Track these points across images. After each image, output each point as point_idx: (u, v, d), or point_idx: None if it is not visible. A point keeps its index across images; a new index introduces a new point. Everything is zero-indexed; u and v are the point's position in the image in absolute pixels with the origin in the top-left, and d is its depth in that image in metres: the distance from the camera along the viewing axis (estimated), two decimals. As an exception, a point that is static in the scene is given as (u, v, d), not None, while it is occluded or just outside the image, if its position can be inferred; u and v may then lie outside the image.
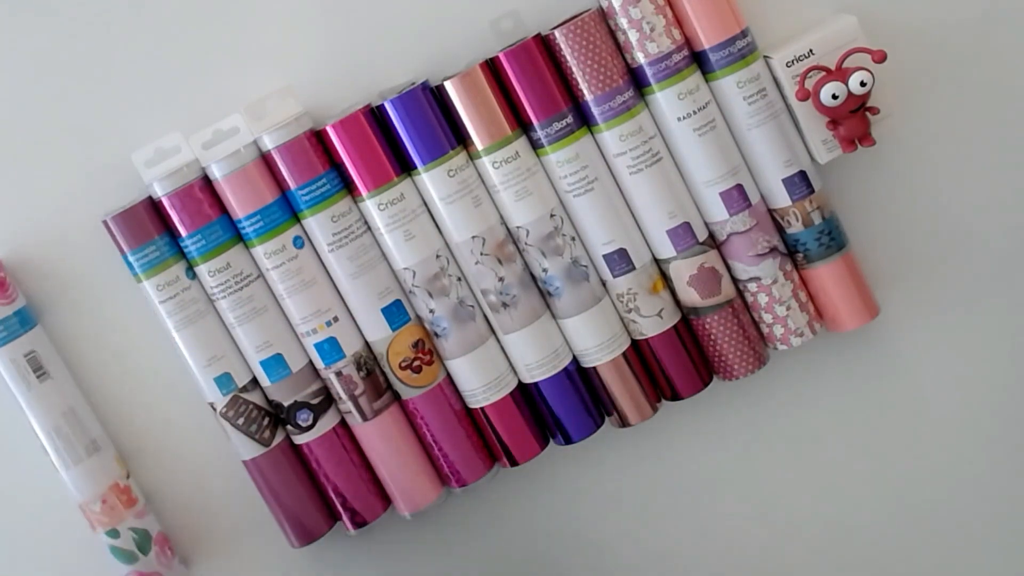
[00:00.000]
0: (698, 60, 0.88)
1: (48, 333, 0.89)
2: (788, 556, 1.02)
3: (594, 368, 0.92)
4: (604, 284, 0.91)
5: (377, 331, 0.89)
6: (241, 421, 0.89)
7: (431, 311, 0.89)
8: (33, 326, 0.87)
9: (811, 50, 0.89)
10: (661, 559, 1.02)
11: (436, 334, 0.90)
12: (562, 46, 0.86)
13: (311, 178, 0.86)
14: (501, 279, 0.88)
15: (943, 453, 1.03)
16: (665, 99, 0.88)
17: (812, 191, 0.91)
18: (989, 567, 1.05)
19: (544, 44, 0.87)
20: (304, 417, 0.89)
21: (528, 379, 0.91)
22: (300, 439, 0.90)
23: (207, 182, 0.86)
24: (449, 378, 0.92)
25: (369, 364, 0.90)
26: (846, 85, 0.87)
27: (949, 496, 1.04)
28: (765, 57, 0.90)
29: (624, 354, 0.92)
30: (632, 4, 0.85)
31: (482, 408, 0.91)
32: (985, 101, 0.97)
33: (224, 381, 0.88)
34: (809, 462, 1.02)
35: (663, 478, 1.00)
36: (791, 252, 0.93)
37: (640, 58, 0.87)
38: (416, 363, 0.90)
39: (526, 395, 0.92)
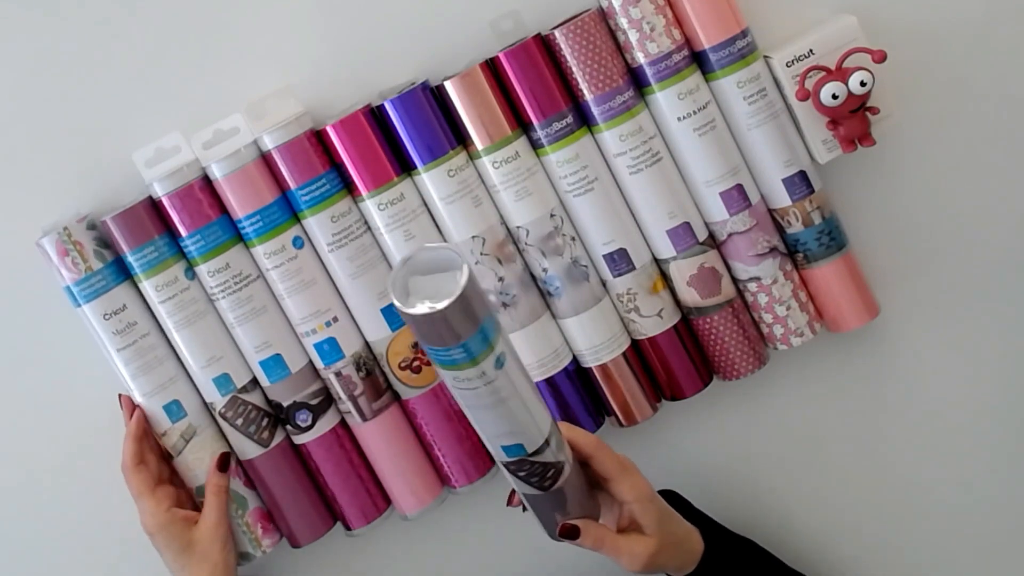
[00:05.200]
0: (698, 60, 0.88)
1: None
2: (788, 555, 1.02)
3: (594, 368, 0.92)
4: (604, 284, 0.91)
5: (377, 331, 0.89)
6: (240, 422, 0.88)
7: (431, 311, 0.89)
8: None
9: (811, 50, 0.89)
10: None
11: (436, 334, 0.90)
12: (562, 46, 0.86)
13: (311, 178, 0.86)
14: (501, 279, 0.88)
15: (943, 453, 1.03)
16: (665, 99, 0.88)
17: (812, 191, 0.91)
18: (989, 566, 1.05)
19: (544, 44, 0.87)
20: (303, 417, 0.89)
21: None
22: (299, 439, 0.90)
23: (207, 182, 0.86)
24: (449, 378, 0.91)
25: (369, 364, 0.90)
26: (846, 85, 0.87)
27: (949, 495, 1.04)
28: (765, 57, 0.90)
29: (624, 354, 0.92)
30: (632, 4, 0.85)
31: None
32: (985, 101, 0.97)
33: (223, 381, 0.88)
34: (809, 462, 1.02)
35: (663, 478, 1.00)
36: (791, 252, 0.93)
37: (640, 58, 0.87)
38: (416, 363, 0.90)
39: (526, 395, 0.92)
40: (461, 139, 0.87)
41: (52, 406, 0.92)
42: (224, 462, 0.87)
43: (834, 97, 0.87)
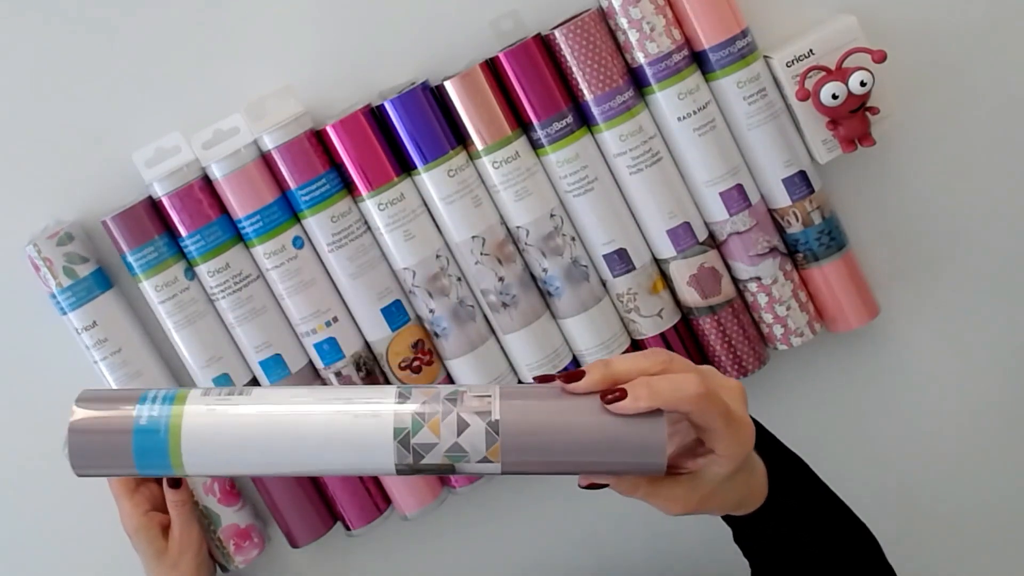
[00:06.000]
0: (698, 60, 0.88)
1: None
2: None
3: (594, 368, 0.92)
4: (604, 284, 0.91)
5: (377, 331, 0.89)
6: (241, 421, 0.88)
7: (431, 311, 0.89)
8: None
9: (811, 50, 0.89)
10: (661, 558, 1.02)
11: (436, 334, 0.90)
12: (562, 46, 0.86)
13: (311, 178, 0.86)
14: (501, 279, 0.88)
15: (943, 453, 1.03)
16: (665, 99, 0.88)
17: (812, 191, 0.91)
18: (989, 566, 1.05)
19: (544, 44, 0.87)
20: (304, 417, 0.89)
21: (528, 379, 0.91)
22: (300, 439, 0.90)
23: (207, 182, 0.86)
24: (449, 378, 0.91)
25: (368, 364, 0.90)
26: (846, 85, 0.87)
27: (949, 496, 1.04)
28: (765, 57, 0.90)
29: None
30: (632, 4, 0.85)
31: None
32: (985, 101, 0.97)
33: (223, 381, 0.88)
34: (809, 462, 1.02)
35: (663, 478, 1.00)
36: (791, 252, 0.93)
37: (640, 58, 0.87)
38: (416, 363, 0.90)
39: (526, 395, 0.92)
40: (461, 139, 0.87)
41: (51, 406, 0.92)
42: (173, 480, 0.87)
43: (834, 97, 0.87)
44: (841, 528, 0.75)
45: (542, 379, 0.62)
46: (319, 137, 0.87)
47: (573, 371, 0.61)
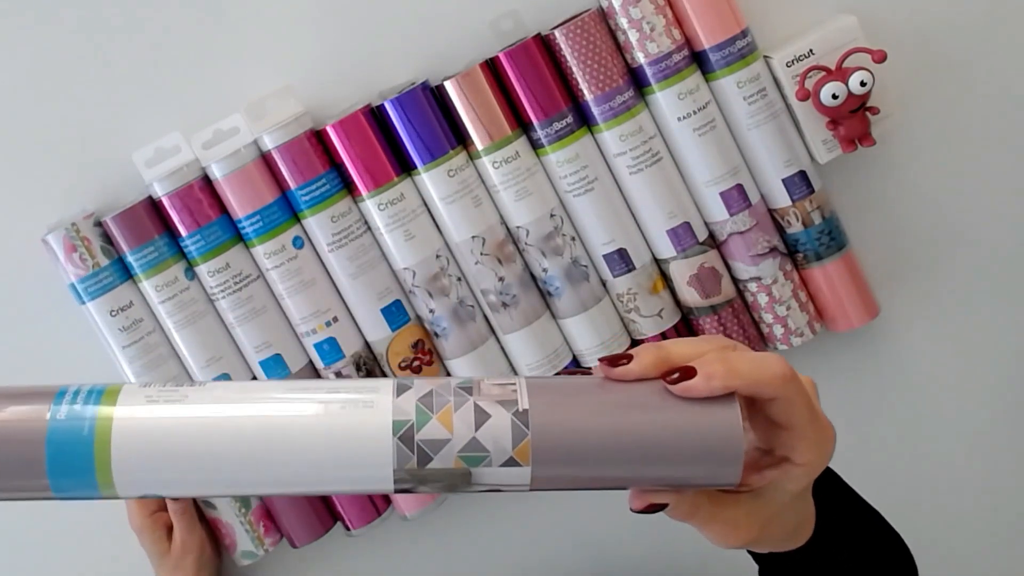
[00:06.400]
0: (698, 60, 0.88)
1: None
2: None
3: (594, 369, 0.92)
4: (604, 284, 0.91)
5: (377, 331, 0.89)
6: (241, 421, 0.88)
7: (431, 311, 0.89)
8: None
9: (811, 50, 0.89)
10: (662, 559, 1.02)
11: (436, 334, 0.90)
12: (562, 46, 0.86)
13: (311, 178, 0.86)
14: (501, 279, 0.88)
15: (943, 453, 1.03)
16: (665, 99, 0.88)
17: (812, 191, 0.91)
18: (988, 566, 1.05)
19: (544, 44, 0.87)
20: (304, 417, 0.89)
21: (528, 379, 0.91)
22: (300, 439, 0.90)
23: (207, 182, 0.86)
24: (449, 378, 0.91)
25: (368, 364, 0.90)
26: (846, 85, 0.87)
27: (949, 495, 1.04)
28: (765, 57, 0.90)
29: (624, 354, 0.92)
30: (632, 4, 0.85)
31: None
32: (985, 101, 0.97)
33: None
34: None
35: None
36: (791, 252, 0.93)
37: (640, 58, 0.87)
38: (416, 363, 0.90)
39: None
40: (461, 139, 0.87)
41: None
42: None
43: (834, 97, 0.87)
44: (880, 550, 0.66)
45: (567, 375, 0.51)
46: (319, 137, 0.87)
47: (617, 354, 0.50)
